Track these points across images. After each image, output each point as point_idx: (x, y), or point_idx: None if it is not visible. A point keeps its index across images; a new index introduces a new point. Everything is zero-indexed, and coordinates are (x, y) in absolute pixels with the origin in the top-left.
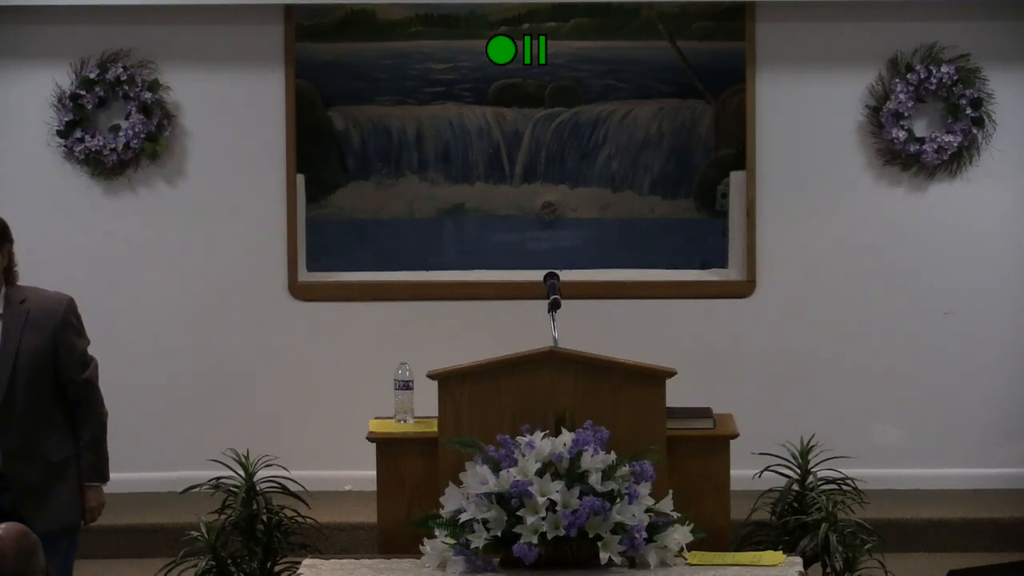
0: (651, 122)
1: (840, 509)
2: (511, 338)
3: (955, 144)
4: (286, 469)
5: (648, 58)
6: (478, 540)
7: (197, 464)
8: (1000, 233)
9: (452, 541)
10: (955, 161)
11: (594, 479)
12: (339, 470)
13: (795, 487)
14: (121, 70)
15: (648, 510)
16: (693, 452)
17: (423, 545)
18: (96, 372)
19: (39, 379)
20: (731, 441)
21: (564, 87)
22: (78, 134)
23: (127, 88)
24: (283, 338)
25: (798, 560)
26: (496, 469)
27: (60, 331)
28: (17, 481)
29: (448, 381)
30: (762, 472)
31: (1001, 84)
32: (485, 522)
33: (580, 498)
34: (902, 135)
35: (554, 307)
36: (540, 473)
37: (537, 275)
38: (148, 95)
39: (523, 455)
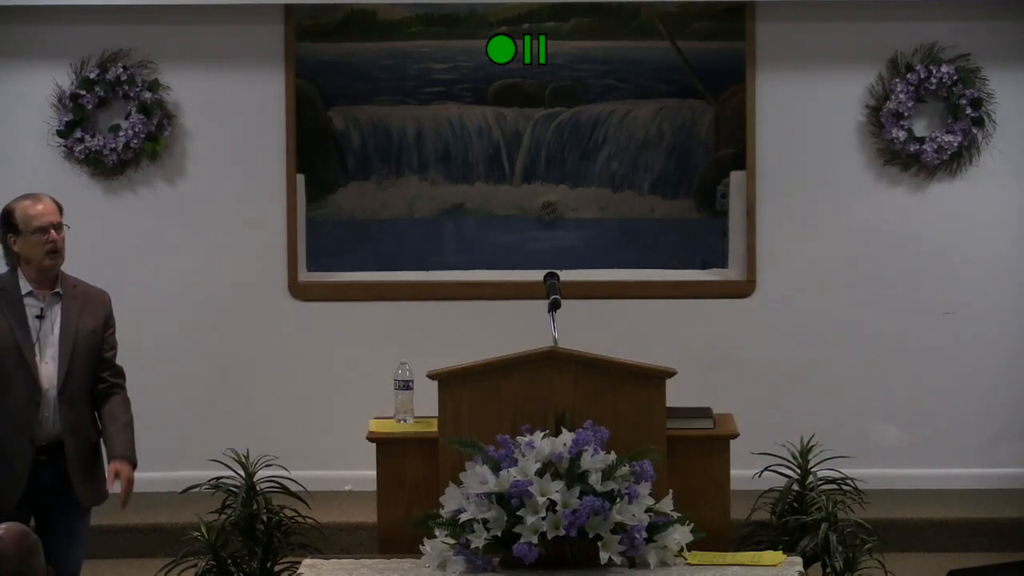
0: (651, 122)
1: (840, 509)
2: (511, 338)
3: (955, 144)
4: (286, 469)
5: (648, 58)
6: (478, 540)
7: (197, 464)
8: (1000, 233)
9: (452, 541)
10: (955, 161)
11: (594, 479)
12: (339, 470)
13: (795, 487)
14: (121, 70)
15: (648, 510)
16: (693, 452)
17: (423, 545)
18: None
19: (90, 359)
20: (731, 441)
21: (564, 87)
22: (78, 134)
23: (127, 88)
24: (283, 338)
25: (798, 560)
26: (496, 469)
27: (109, 316)
28: (71, 454)
29: (448, 381)
30: (762, 472)
31: (1001, 84)
32: (485, 522)
33: (580, 498)
34: (902, 135)
35: (554, 307)
36: (540, 473)
37: (537, 275)
38: (148, 95)
39: (523, 455)
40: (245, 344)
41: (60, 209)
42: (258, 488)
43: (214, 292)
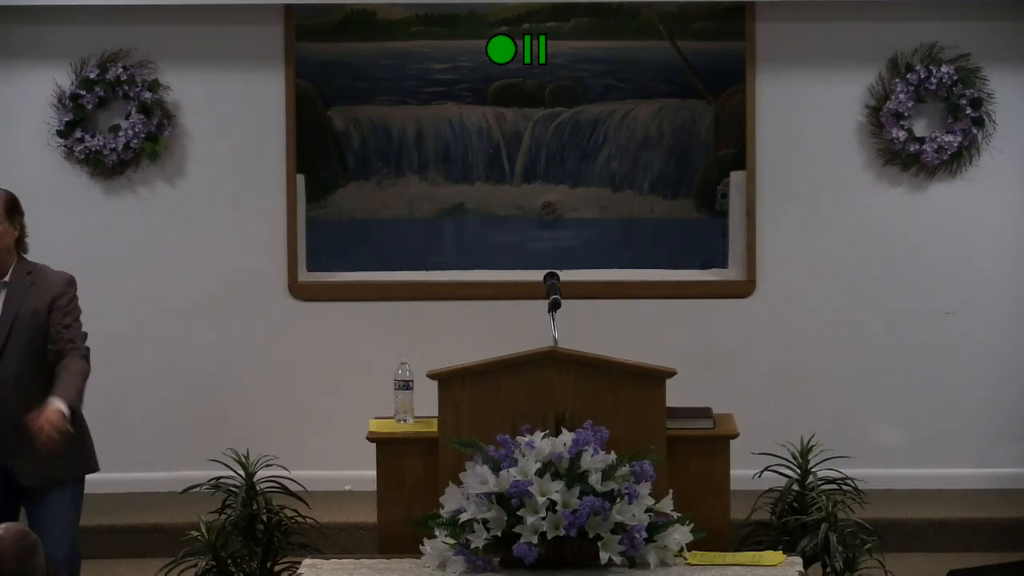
0: (651, 122)
1: (840, 509)
2: (511, 338)
3: (955, 144)
4: (286, 469)
5: (648, 58)
6: (478, 540)
7: (197, 464)
8: (1000, 233)
9: (452, 541)
10: (955, 161)
11: (594, 479)
12: (339, 470)
13: (795, 487)
14: (121, 70)
15: (648, 510)
16: (693, 452)
17: (423, 545)
18: (85, 339)
19: (36, 339)
20: (731, 441)
21: (564, 87)
22: (78, 134)
23: (127, 88)
24: (283, 338)
25: (798, 560)
26: (496, 469)
27: (58, 297)
28: (13, 434)
29: (448, 381)
30: (762, 472)
31: (1001, 84)
32: (485, 522)
33: (580, 498)
34: (902, 135)
35: (554, 307)
36: (540, 473)
37: (537, 275)
38: (148, 95)
39: (523, 455)
40: (245, 344)
41: (6, 210)
42: (258, 488)
43: (214, 292)
